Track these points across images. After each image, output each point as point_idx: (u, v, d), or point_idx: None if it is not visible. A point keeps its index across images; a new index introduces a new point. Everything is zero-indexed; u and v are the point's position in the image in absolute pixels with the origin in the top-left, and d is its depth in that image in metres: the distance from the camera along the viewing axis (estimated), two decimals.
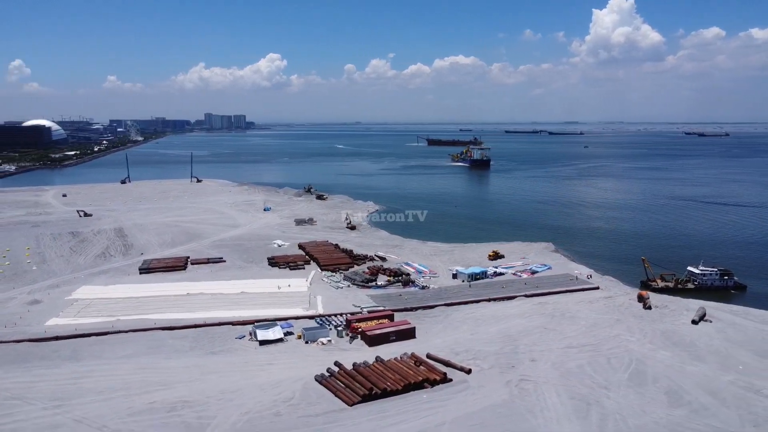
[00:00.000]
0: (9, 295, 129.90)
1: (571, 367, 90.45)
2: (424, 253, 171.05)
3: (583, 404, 78.74)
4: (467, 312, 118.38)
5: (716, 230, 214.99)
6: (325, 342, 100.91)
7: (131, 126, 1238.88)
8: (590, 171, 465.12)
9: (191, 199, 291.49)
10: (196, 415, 75.74)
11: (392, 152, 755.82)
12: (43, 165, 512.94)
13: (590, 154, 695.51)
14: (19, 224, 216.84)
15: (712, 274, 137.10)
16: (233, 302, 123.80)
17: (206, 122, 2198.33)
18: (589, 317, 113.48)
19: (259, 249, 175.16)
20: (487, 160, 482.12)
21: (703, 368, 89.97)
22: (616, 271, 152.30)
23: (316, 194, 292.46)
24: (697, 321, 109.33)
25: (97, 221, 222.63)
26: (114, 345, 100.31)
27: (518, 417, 75.51)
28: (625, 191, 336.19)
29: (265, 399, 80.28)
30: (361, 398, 79.50)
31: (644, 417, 75.24)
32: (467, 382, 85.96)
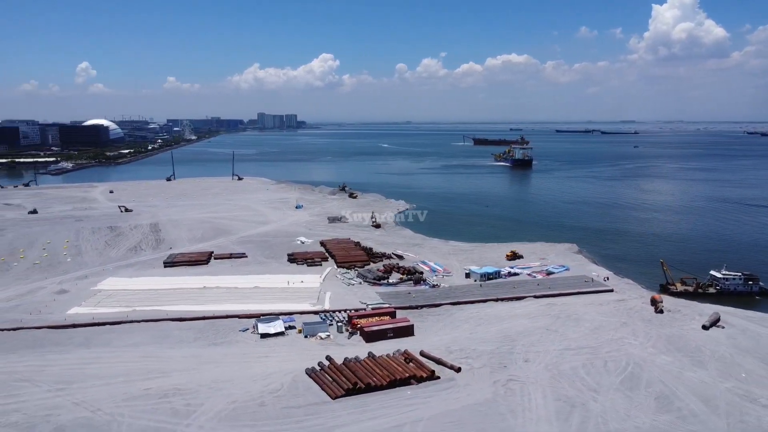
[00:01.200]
0: (40, 285, 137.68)
1: (564, 369, 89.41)
2: (443, 252, 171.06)
3: (568, 406, 77.94)
4: (472, 311, 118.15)
5: (759, 234, 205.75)
6: (323, 337, 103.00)
7: (186, 125, 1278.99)
8: (635, 171, 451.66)
9: (229, 196, 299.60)
10: (185, 402, 79.04)
11: (436, 152, 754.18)
12: (98, 163, 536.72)
13: (639, 154, 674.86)
14: (64, 218, 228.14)
15: (736, 278, 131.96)
16: (245, 296, 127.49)
17: (259, 122, 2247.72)
18: (595, 320, 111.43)
19: (283, 245, 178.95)
20: (529, 160, 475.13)
21: (702, 374, 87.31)
22: (639, 274, 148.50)
23: (349, 192, 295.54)
24: (708, 326, 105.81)
25: (136, 216, 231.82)
26: (124, 334, 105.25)
27: (497, 416, 75.49)
28: (666, 192, 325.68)
29: (253, 389, 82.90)
30: (344, 392, 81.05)
31: (627, 421, 73.93)
32: (455, 380, 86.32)
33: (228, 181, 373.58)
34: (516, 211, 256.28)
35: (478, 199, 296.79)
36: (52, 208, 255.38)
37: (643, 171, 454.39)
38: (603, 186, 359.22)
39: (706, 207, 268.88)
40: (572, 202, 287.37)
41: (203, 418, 74.84)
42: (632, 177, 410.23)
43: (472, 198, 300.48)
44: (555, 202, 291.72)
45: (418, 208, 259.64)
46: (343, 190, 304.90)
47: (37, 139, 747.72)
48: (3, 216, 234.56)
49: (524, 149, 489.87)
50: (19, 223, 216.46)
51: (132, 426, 72.97)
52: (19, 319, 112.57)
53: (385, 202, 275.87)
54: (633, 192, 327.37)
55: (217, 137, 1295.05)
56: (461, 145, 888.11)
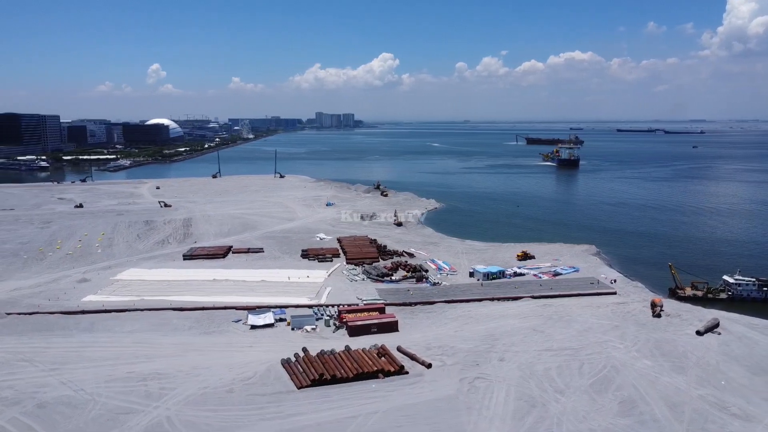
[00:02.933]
0: (66, 274, 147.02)
1: (537, 370, 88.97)
2: (456, 251, 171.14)
3: (527, 406, 77.84)
4: (464, 310, 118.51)
5: None
6: (309, 330, 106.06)
7: (244, 125, 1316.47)
8: (688, 173, 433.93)
9: (266, 193, 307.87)
10: (160, 386, 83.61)
11: (485, 151, 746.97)
12: (155, 160, 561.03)
13: (698, 155, 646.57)
14: (107, 212, 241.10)
15: (749, 284, 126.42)
16: (250, 289, 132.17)
17: (317, 121, 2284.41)
18: (587, 322, 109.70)
19: (302, 241, 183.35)
20: (576, 160, 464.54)
21: (678, 380, 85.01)
22: (654, 278, 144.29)
23: (381, 191, 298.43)
24: (703, 332, 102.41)
25: (173, 212, 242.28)
26: (126, 321, 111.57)
27: (453, 412, 76.29)
28: (713, 194, 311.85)
29: (227, 377, 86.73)
30: (310, 382, 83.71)
31: (582, 423, 73.28)
32: (423, 376, 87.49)
33: (270, 178, 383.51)
34: (547, 212, 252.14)
35: (513, 199, 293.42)
36: (99, 203, 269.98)
37: (696, 172, 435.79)
38: (647, 187, 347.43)
39: (755, 210, 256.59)
40: (609, 203, 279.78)
41: (172, 402, 79.11)
42: (682, 178, 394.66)
43: (506, 198, 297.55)
44: (590, 203, 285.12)
45: (447, 207, 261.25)
46: (378, 189, 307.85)
47: (103, 138, 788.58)
48: (53, 209, 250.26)
49: (571, 149, 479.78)
50: (65, 216, 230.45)
51: (105, 405, 77.96)
52: (37, 304, 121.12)
53: (416, 201, 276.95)
54: (676, 194, 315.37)
55: (274, 136, 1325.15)
56: (514, 145, 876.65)
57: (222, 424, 73.46)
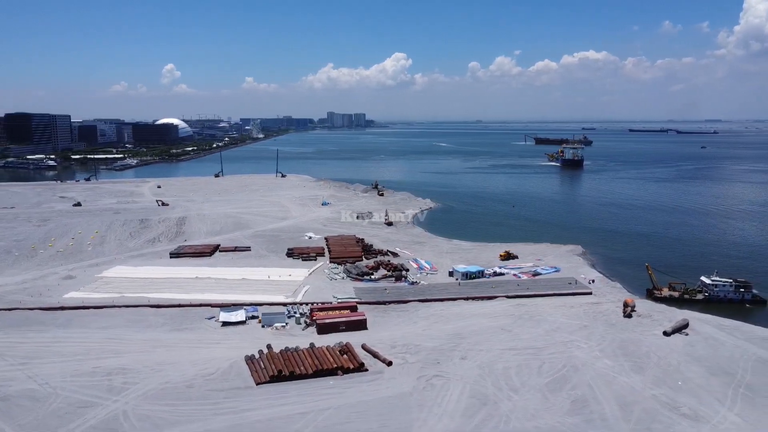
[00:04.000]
0: (54, 271, 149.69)
1: (497, 368, 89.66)
2: (442, 250, 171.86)
3: (479, 404, 78.67)
4: (437, 309, 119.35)
5: None
6: (279, 327, 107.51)
7: (254, 124, 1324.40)
8: (692, 173, 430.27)
9: (265, 192, 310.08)
10: (123, 381, 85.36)
11: (491, 151, 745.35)
12: (162, 160, 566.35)
13: (705, 155, 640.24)
14: (104, 211, 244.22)
15: (726, 285, 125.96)
16: (230, 287, 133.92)
17: (328, 120, 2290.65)
18: (557, 321, 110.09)
19: (291, 240, 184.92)
20: (579, 160, 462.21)
21: (635, 380, 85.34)
22: (635, 278, 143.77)
23: (378, 191, 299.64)
24: (670, 333, 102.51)
25: (170, 210, 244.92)
26: (102, 317, 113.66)
27: (404, 409, 77.28)
28: (712, 195, 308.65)
29: (189, 372, 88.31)
30: (268, 378, 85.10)
31: (531, 421, 74.00)
32: (382, 373, 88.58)
33: (271, 178, 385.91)
34: (541, 212, 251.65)
35: (510, 199, 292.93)
36: (98, 202, 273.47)
37: (700, 173, 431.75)
38: (646, 188, 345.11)
39: (752, 212, 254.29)
40: (605, 204, 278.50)
41: (131, 396, 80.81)
42: (684, 179, 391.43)
43: (503, 198, 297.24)
44: (586, 204, 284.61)
45: (442, 207, 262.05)
46: (375, 189, 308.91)
47: (113, 137, 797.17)
48: (53, 208, 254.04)
49: (575, 149, 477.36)
50: (63, 215, 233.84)
51: (67, 399, 79.85)
52: (20, 300, 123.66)
53: (412, 201, 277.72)
54: (674, 195, 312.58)
55: (285, 136, 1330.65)
56: (522, 145, 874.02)
57: (176, 419, 75.01)
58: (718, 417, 74.88)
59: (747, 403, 78.18)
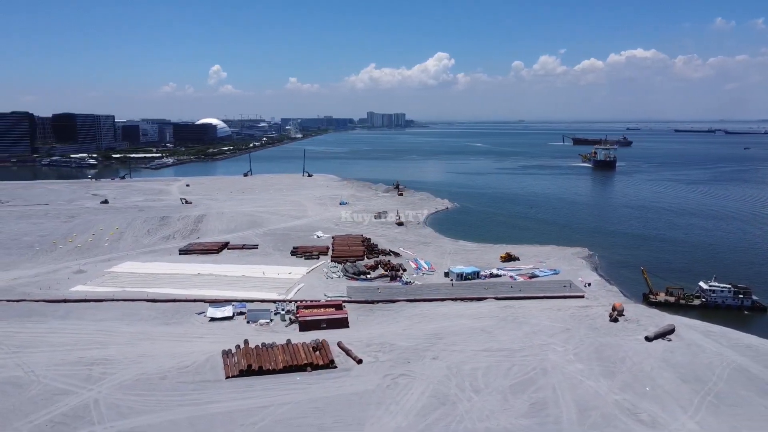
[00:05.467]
0: (67, 265, 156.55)
1: (465, 369, 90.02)
2: (445, 251, 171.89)
3: (437, 403, 79.38)
4: (424, 309, 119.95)
5: None
6: (263, 323, 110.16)
7: (295, 124, 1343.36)
8: (730, 175, 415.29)
9: (288, 191, 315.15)
10: (102, 371, 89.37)
11: (526, 151, 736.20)
12: (197, 159, 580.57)
13: (748, 156, 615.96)
14: (130, 208, 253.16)
15: (724, 291, 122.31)
16: (228, 284, 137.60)
17: (368, 120, 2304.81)
18: (540, 324, 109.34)
19: (300, 239, 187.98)
20: (612, 161, 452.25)
21: (602, 384, 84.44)
22: (637, 282, 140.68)
23: (399, 191, 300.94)
24: (652, 338, 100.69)
25: (192, 208, 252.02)
26: (100, 310, 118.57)
27: (362, 406, 78.63)
28: (742, 199, 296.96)
29: (166, 365, 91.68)
30: (238, 373, 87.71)
31: (483, 422, 74.36)
32: (350, 371, 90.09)
33: (298, 177, 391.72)
34: (558, 214, 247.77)
35: (532, 201, 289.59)
36: (126, 199, 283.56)
37: (739, 175, 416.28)
38: (675, 190, 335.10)
39: None
40: (627, 206, 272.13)
41: (106, 386, 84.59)
42: (719, 182, 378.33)
43: (524, 199, 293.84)
44: (607, 205, 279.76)
45: (459, 207, 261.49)
46: (397, 188, 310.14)
47: (155, 137, 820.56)
48: (83, 205, 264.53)
49: (607, 150, 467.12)
50: (91, 212, 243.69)
51: (47, 386, 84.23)
52: (28, 292, 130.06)
53: (430, 201, 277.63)
54: (702, 198, 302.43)
55: (323, 136, 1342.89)
56: (560, 145, 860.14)
57: (141, 408, 78.27)
58: (676, 424, 73.61)
59: (710, 411, 76.51)
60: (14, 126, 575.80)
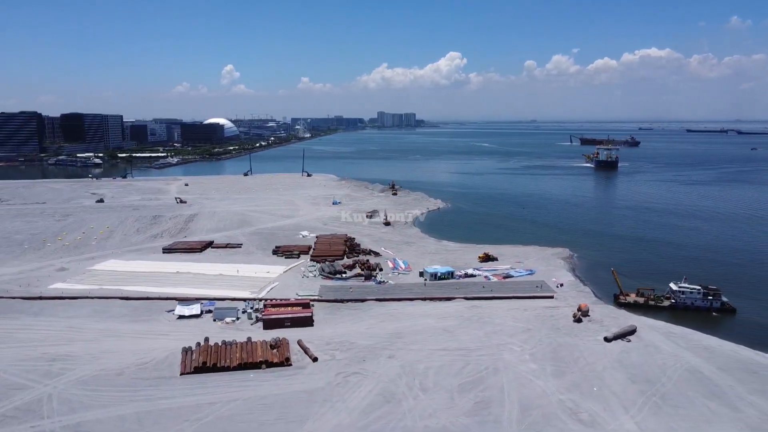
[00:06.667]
0: (51, 263, 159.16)
1: (418, 368, 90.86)
2: (426, 251, 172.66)
3: (382, 401, 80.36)
4: (391, 308, 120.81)
5: None
6: (228, 321, 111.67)
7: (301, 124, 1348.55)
8: (733, 176, 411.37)
9: (284, 191, 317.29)
10: (62, 367, 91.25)
11: (532, 151, 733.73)
12: (202, 158, 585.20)
13: (755, 157, 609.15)
14: (124, 207, 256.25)
15: (693, 292, 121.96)
16: (204, 282, 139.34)
17: (378, 120, 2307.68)
18: (502, 324, 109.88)
19: (286, 238, 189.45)
20: (614, 162, 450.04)
21: (550, 384, 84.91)
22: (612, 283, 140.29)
23: (393, 190, 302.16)
24: (611, 339, 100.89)
25: (186, 208, 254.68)
26: (73, 307, 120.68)
27: (308, 403, 79.81)
28: (740, 200, 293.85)
29: (125, 361, 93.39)
30: (192, 370, 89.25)
31: (424, 420, 75.19)
32: (304, 369, 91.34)
33: (297, 177, 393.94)
34: (550, 214, 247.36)
35: (527, 201, 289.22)
36: (123, 198, 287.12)
37: (742, 176, 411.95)
38: (674, 191, 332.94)
39: None
40: (622, 207, 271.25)
41: (63, 381, 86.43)
42: (721, 182, 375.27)
43: (519, 200, 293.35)
44: (603, 206, 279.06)
45: (451, 207, 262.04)
46: (393, 188, 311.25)
47: (164, 136, 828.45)
48: (80, 204, 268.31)
49: (609, 150, 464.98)
50: (86, 210, 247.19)
51: (5, 381, 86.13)
52: (7, 289, 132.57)
53: (424, 201, 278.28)
54: (699, 199, 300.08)
55: (331, 135, 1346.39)
56: (567, 145, 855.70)
57: (92, 403, 79.97)
58: (615, 424, 73.98)
59: (652, 412, 76.78)
60: (23, 126, 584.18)
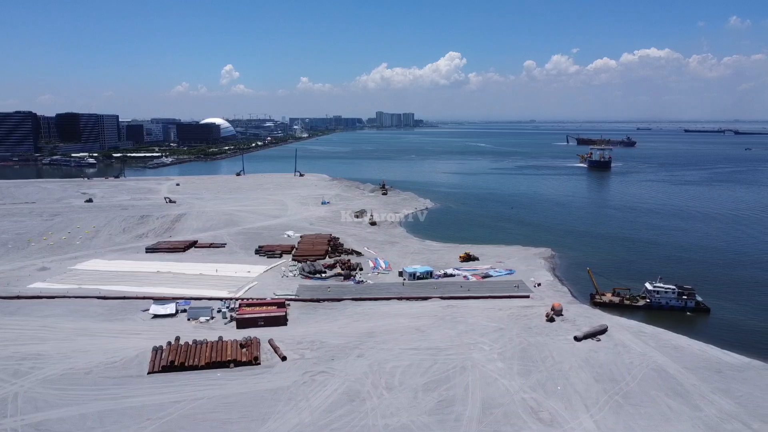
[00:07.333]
0: (33, 262, 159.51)
1: (386, 367, 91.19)
2: (409, 251, 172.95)
3: (346, 400, 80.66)
4: (367, 308, 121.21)
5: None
6: (202, 321, 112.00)
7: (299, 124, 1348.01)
8: (726, 176, 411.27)
9: (275, 190, 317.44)
10: (31, 365, 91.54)
11: (527, 152, 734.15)
12: (197, 158, 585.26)
13: (748, 157, 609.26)
14: (113, 207, 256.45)
15: (668, 292, 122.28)
16: (183, 281, 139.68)
17: (377, 120, 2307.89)
18: (475, 323, 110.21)
19: (271, 238, 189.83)
20: (606, 162, 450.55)
21: (515, 383, 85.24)
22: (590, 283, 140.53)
23: (383, 190, 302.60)
24: (581, 338, 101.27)
25: (175, 208, 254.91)
26: (49, 307, 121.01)
27: (272, 402, 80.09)
28: (730, 200, 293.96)
29: (95, 360, 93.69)
30: (160, 369, 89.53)
31: (386, 419, 75.45)
32: (272, 368, 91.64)
33: (289, 176, 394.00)
34: (538, 215, 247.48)
35: (515, 201, 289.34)
36: (114, 198, 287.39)
37: (734, 176, 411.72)
38: (664, 191, 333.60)
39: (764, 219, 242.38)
40: (611, 207, 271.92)
41: (31, 379, 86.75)
42: (712, 182, 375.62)
43: (508, 200, 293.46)
44: (592, 206, 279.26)
45: (440, 207, 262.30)
46: (383, 188, 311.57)
47: (160, 136, 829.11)
48: (69, 204, 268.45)
49: (602, 150, 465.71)
50: (74, 210, 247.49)
51: None
52: None
53: (413, 201, 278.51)
54: (688, 198, 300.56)
55: (329, 135, 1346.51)
56: (564, 145, 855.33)
57: (57, 402, 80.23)
58: (574, 423, 74.30)
59: (612, 411, 77.13)
60: (18, 125, 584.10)
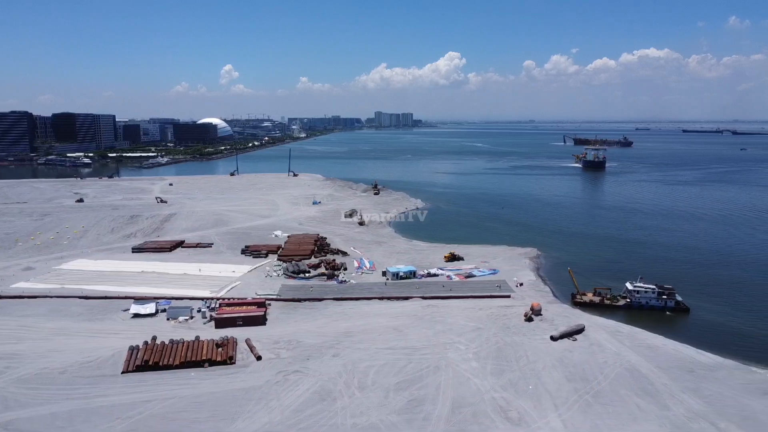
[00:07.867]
0: (18, 262, 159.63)
1: (361, 367, 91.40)
2: (395, 250, 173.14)
3: (317, 400, 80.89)
4: (347, 307, 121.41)
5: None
6: (182, 320, 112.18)
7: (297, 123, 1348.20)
8: (720, 176, 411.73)
9: (268, 190, 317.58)
10: (6, 365, 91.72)
11: (524, 152, 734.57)
12: (192, 158, 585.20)
13: (743, 157, 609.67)
14: (104, 207, 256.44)
15: (648, 292, 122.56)
16: (167, 281, 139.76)
17: (375, 120, 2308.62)
18: (454, 323, 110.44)
19: (259, 237, 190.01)
20: (601, 162, 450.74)
21: (486, 382, 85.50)
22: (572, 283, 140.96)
23: (375, 190, 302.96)
24: (557, 338, 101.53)
25: (166, 207, 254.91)
26: (30, 306, 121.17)
27: (243, 401, 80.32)
28: (721, 200, 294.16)
29: (71, 359, 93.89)
30: (134, 368, 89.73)
31: (355, 418, 75.72)
32: (246, 367, 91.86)
33: (283, 176, 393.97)
34: (528, 215, 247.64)
35: (506, 201, 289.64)
36: (105, 198, 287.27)
37: (727, 176, 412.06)
38: (656, 191, 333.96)
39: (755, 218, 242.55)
40: (602, 207, 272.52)
41: (4, 379, 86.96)
42: (706, 182, 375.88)
43: (499, 200, 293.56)
44: (583, 206, 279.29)
45: (430, 207, 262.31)
46: (375, 188, 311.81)
47: (157, 136, 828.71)
48: (60, 204, 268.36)
49: (596, 150, 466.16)
50: (65, 210, 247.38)
51: None
52: None
53: (404, 201, 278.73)
54: (680, 198, 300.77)
55: (326, 135, 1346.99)
56: (561, 146, 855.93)
57: (29, 401, 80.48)
58: (542, 422, 74.54)
59: (580, 410, 77.37)
60: (13, 125, 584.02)
